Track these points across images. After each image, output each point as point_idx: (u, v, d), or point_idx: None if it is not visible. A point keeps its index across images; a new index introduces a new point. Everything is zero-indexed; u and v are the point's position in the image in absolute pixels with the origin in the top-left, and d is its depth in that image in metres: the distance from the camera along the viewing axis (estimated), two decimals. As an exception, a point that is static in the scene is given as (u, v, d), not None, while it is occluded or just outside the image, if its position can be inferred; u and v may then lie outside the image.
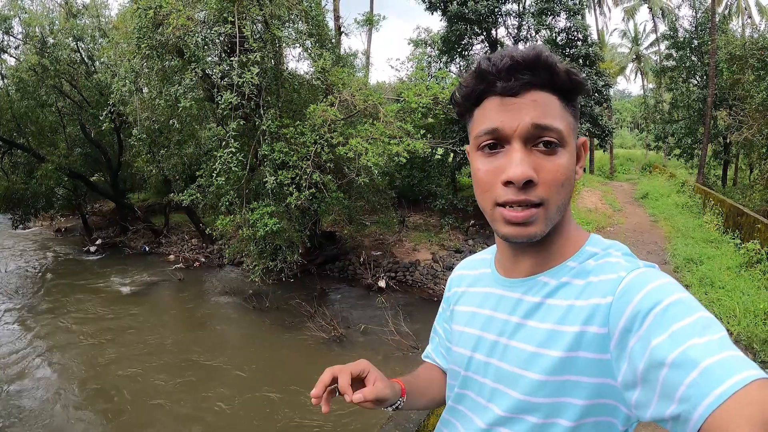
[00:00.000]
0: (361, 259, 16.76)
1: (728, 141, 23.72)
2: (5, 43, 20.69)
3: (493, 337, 1.07)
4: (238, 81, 11.24)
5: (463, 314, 1.20)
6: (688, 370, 0.70)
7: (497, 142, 0.95)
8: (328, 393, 1.10)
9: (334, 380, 1.10)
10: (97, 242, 23.36)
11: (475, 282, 1.22)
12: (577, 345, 0.90)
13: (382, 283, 15.51)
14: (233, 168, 11.74)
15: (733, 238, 10.86)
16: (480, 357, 1.10)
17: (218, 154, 11.83)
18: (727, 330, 6.25)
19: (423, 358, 1.49)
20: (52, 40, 19.99)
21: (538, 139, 0.92)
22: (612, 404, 0.90)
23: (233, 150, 11.65)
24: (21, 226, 24.83)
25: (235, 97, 11.25)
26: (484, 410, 1.08)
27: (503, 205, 0.94)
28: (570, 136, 0.96)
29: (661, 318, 0.78)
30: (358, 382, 1.14)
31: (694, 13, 25.36)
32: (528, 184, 0.91)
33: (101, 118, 14.32)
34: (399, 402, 1.25)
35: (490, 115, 0.96)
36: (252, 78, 11.20)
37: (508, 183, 0.91)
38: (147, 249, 22.01)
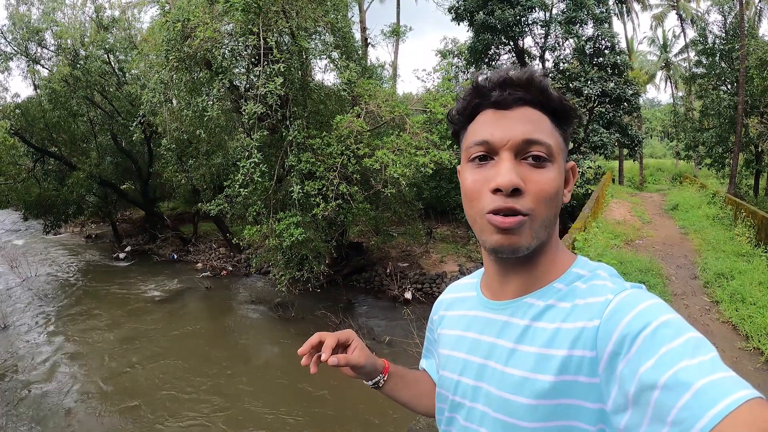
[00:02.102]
0: (388, 271, 16.74)
1: (760, 149, 23.28)
2: (38, 54, 21.12)
3: (479, 360, 1.07)
4: (263, 91, 11.32)
5: (449, 338, 1.20)
6: (680, 392, 0.68)
7: (487, 153, 0.97)
8: (316, 357, 1.17)
9: (321, 344, 1.18)
10: (127, 249, 23.73)
11: (458, 305, 1.23)
12: (566, 369, 0.89)
13: (408, 295, 15.48)
14: (256, 178, 11.82)
15: (766, 252, 10.62)
16: (467, 381, 1.09)
17: (241, 164, 11.93)
18: (758, 349, 6.14)
19: (419, 368, 1.49)
20: (83, 52, 20.39)
21: (527, 153, 0.95)
22: (602, 428, 0.87)
23: (256, 161, 11.73)
24: (52, 231, 25.30)
25: (260, 107, 11.33)
26: None
27: (491, 213, 0.95)
28: (559, 154, 0.98)
29: (650, 340, 0.77)
30: (342, 350, 1.24)
31: (723, 19, 24.94)
32: (515, 193, 0.92)
33: (132, 128, 14.56)
34: (379, 378, 1.32)
35: (482, 127, 0.99)
36: (276, 88, 11.27)
37: (496, 191, 0.93)
38: (175, 257, 22.27)
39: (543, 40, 21.94)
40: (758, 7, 29.66)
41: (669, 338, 0.76)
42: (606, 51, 20.84)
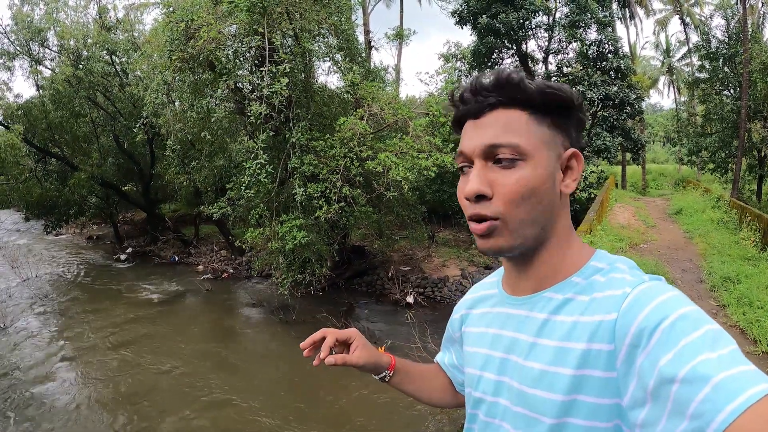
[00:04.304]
0: (390, 274, 16.68)
1: (763, 154, 23.26)
2: (41, 54, 21.13)
3: (501, 354, 1.07)
4: (267, 92, 11.30)
5: (472, 335, 1.21)
6: (700, 385, 0.68)
7: (466, 164, 1.01)
8: (322, 351, 1.22)
9: (323, 340, 1.24)
10: (128, 251, 23.73)
11: (481, 303, 1.23)
12: (584, 363, 0.89)
13: (410, 299, 15.42)
14: (262, 180, 11.79)
15: (772, 256, 10.56)
16: (489, 376, 1.09)
17: (247, 165, 11.90)
18: (767, 353, 6.08)
19: (434, 360, 1.55)
20: (86, 53, 20.40)
21: (495, 157, 0.96)
22: (618, 424, 0.87)
23: (262, 162, 11.70)
24: (53, 232, 25.31)
25: (265, 108, 11.30)
26: (496, 428, 1.07)
27: (470, 220, 0.99)
28: (536, 148, 0.97)
29: (669, 333, 0.76)
30: (345, 347, 1.30)
31: (726, 23, 24.91)
32: (481, 199, 0.96)
33: (135, 129, 14.54)
34: (385, 374, 1.36)
35: (462, 138, 1.02)
36: (281, 89, 11.24)
37: (467, 198, 0.97)
38: (176, 259, 22.26)
39: (546, 43, 21.95)
40: (761, 12, 29.65)
41: (688, 331, 0.75)
42: (609, 55, 20.83)
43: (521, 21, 20.04)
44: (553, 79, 20.79)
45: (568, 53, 22.38)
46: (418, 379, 1.45)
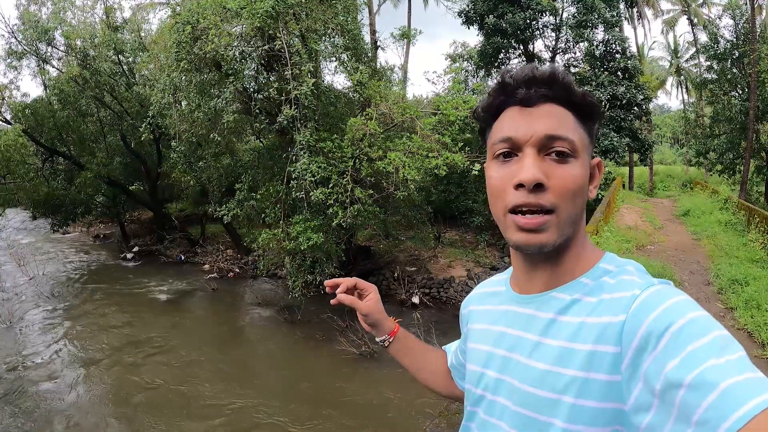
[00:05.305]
0: (396, 275, 16.64)
1: (771, 155, 23.13)
2: (48, 54, 21.18)
3: (504, 352, 1.07)
4: (295, 94, 11.36)
5: (476, 332, 1.21)
6: (706, 392, 0.67)
7: (511, 150, 0.98)
8: (340, 288, 1.41)
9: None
10: (134, 249, 23.74)
11: (488, 300, 1.23)
12: (589, 365, 0.88)
13: (415, 300, 15.41)
14: (308, 178, 11.86)
15: (780, 258, 10.49)
16: (491, 373, 1.09)
17: (291, 169, 12.16)
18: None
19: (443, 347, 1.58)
20: (93, 53, 20.43)
21: (551, 149, 0.95)
22: (617, 430, 0.86)
23: (306, 162, 11.80)
24: (60, 230, 25.38)
25: (293, 111, 11.39)
26: (494, 428, 1.06)
27: (515, 211, 0.95)
28: (583, 150, 0.99)
29: (677, 338, 0.75)
30: (360, 297, 1.46)
31: (734, 23, 24.72)
32: (538, 188, 0.93)
33: (141, 129, 14.54)
34: (385, 338, 1.48)
35: (506, 124, 1.00)
36: (309, 88, 11.31)
37: (519, 186, 0.94)
38: (183, 258, 22.29)
39: (553, 43, 21.91)
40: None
41: (696, 336, 0.74)
42: (617, 55, 20.80)
43: (528, 21, 20.04)
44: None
45: (575, 53, 22.35)
46: (419, 355, 1.52)
